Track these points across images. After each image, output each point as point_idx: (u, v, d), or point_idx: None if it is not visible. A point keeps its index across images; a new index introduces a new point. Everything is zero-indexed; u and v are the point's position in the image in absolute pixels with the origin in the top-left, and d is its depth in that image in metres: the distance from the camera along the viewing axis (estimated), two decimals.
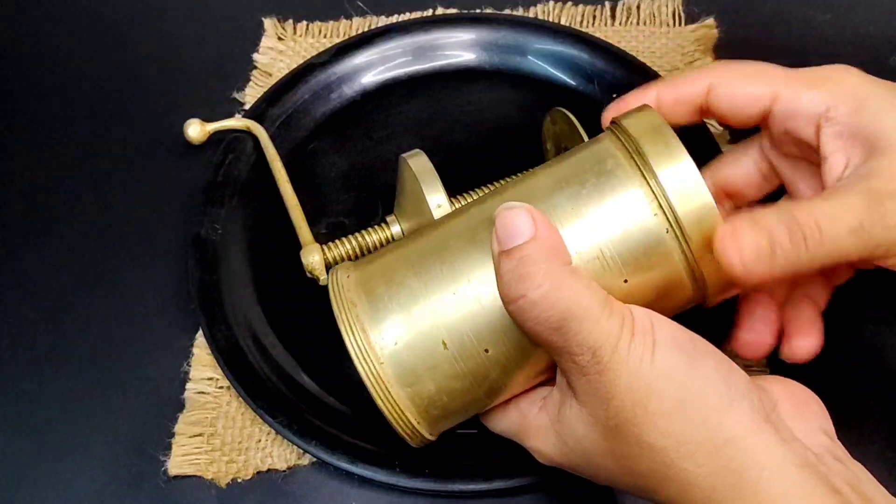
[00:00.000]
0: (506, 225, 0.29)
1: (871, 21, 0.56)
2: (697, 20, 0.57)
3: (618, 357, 0.28)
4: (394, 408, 0.33)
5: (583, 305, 0.28)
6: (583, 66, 0.54)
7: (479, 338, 0.32)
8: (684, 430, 0.28)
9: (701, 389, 0.28)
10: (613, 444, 0.30)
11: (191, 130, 0.52)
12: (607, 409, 0.29)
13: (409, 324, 0.32)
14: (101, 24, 0.61)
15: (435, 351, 0.32)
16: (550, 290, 0.28)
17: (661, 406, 0.28)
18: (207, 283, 0.46)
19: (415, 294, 0.33)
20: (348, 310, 0.33)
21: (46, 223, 0.51)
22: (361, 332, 0.33)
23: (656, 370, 0.28)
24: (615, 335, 0.28)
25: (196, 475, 0.42)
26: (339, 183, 0.51)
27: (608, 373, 0.28)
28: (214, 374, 0.44)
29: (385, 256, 0.35)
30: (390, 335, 0.33)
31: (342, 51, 0.55)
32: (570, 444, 0.32)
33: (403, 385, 0.33)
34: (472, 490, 0.39)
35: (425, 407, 0.33)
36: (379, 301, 0.33)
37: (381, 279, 0.34)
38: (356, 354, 0.33)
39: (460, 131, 0.53)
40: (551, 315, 0.28)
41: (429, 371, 0.32)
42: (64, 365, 0.46)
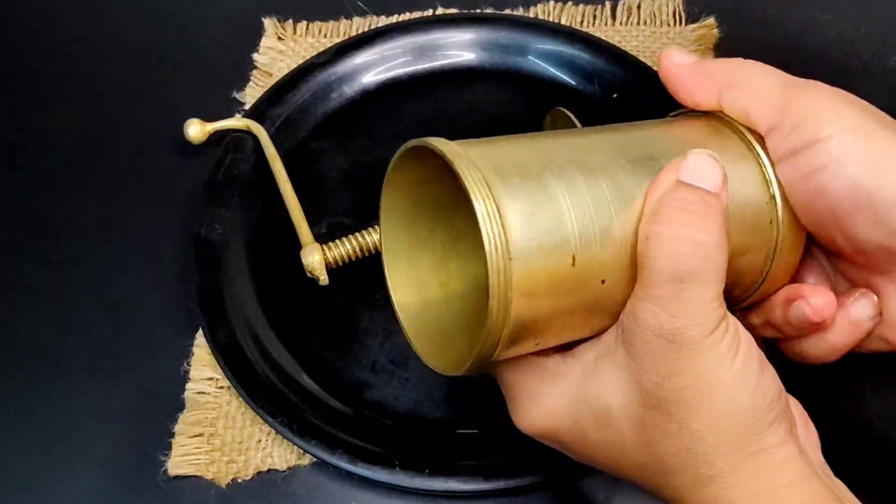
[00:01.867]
0: (701, 166, 0.28)
1: (871, 21, 0.56)
2: (698, 20, 0.57)
3: (709, 343, 0.28)
4: (502, 303, 0.28)
5: (715, 278, 0.28)
6: (583, 65, 0.54)
7: (603, 265, 0.29)
8: (732, 430, 0.28)
9: (761, 400, 0.28)
10: (649, 415, 0.29)
11: (191, 130, 0.52)
12: (665, 381, 0.28)
13: (545, 224, 0.29)
14: (100, 24, 0.61)
15: (562, 262, 0.29)
16: (712, 243, 0.27)
17: (722, 403, 0.28)
18: (207, 282, 0.46)
19: (557, 198, 0.29)
20: (483, 185, 0.28)
21: (46, 223, 0.51)
22: (491, 198, 0.28)
23: (735, 370, 0.28)
24: (716, 322, 0.28)
25: (196, 475, 0.42)
26: (339, 183, 0.51)
27: (690, 351, 0.27)
28: (214, 374, 0.44)
29: (504, 144, 0.32)
30: (524, 226, 0.29)
31: (342, 51, 0.55)
32: (590, 400, 0.30)
33: (522, 281, 0.28)
34: (472, 490, 0.39)
35: (524, 317, 0.29)
36: (515, 187, 0.29)
37: (512, 166, 0.30)
38: (484, 217, 0.28)
39: (461, 131, 0.52)
40: (691, 264, 0.27)
41: (549, 279, 0.29)
42: (64, 365, 0.46)
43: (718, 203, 0.28)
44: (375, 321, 0.46)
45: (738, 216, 0.31)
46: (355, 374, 0.44)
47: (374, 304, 0.46)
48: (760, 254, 0.32)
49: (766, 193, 0.32)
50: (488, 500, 0.40)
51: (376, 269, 0.47)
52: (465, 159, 0.29)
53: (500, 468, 0.39)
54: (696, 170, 0.29)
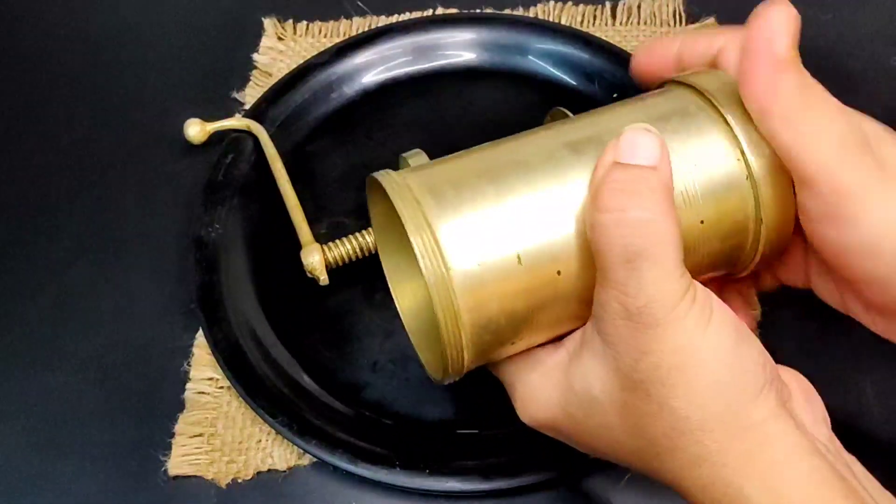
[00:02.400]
0: (634, 142, 0.28)
1: (872, 21, 0.56)
2: (698, 20, 0.57)
3: (673, 317, 0.27)
4: (451, 320, 0.29)
5: (666, 252, 0.27)
6: (583, 65, 0.54)
7: (555, 256, 0.30)
8: (714, 405, 0.27)
9: (742, 371, 0.28)
10: (630, 398, 0.29)
11: (191, 130, 0.52)
12: (638, 362, 0.28)
13: (482, 229, 0.29)
14: (100, 24, 0.61)
15: (507, 263, 0.29)
16: (651, 220, 0.27)
17: (700, 377, 0.27)
18: (207, 283, 0.46)
19: (490, 201, 0.30)
20: (413, 208, 0.30)
21: (46, 223, 0.51)
22: (430, 233, 0.29)
23: (707, 342, 0.27)
24: (678, 295, 0.27)
25: (196, 475, 0.42)
26: (339, 183, 0.51)
27: (656, 328, 0.27)
28: (214, 374, 0.44)
29: (445, 164, 0.33)
30: (461, 239, 0.29)
31: (342, 51, 0.55)
32: (576, 389, 0.30)
33: (467, 295, 0.29)
34: (472, 490, 0.39)
35: (481, 327, 0.30)
36: (448, 204, 0.30)
37: (447, 184, 0.31)
38: (423, 255, 0.29)
39: (460, 131, 0.53)
40: (636, 243, 0.27)
41: (497, 283, 0.29)
42: (64, 365, 0.46)
43: (656, 176, 0.28)
44: (375, 321, 0.46)
45: (707, 181, 0.31)
46: (355, 374, 0.44)
47: (374, 304, 0.46)
48: (744, 213, 0.32)
49: (735, 151, 0.31)
50: (488, 500, 0.40)
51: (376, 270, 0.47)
52: (404, 193, 0.30)
53: (499, 468, 0.39)
54: (631, 147, 0.28)
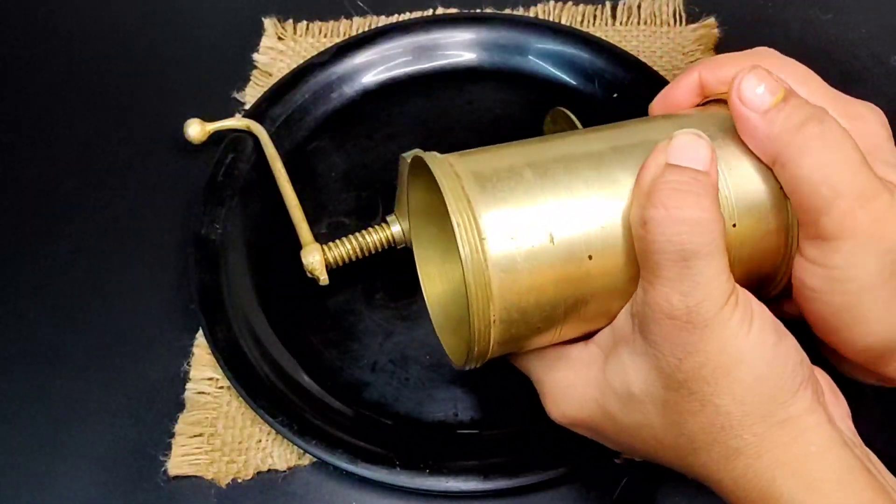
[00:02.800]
0: (687, 146, 0.29)
1: (872, 21, 0.56)
2: (698, 20, 0.57)
3: (721, 317, 0.28)
4: (482, 294, 0.30)
5: (717, 252, 0.28)
6: (583, 65, 0.54)
7: (588, 241, 0.30)
8: (756, 401, 0.28)
9: (782, 368, 0.28)
10: (672, 396, 0.29)
11: (191, 130, 0.52)
12: (683, 362, 0.28)
13: (518, 208, 0.30)
14: (100, 24, 0.61)
15: (540, 243, 0.30)
16: (708, 219, 0.28)
17: (744, 375, 0.28)
18: (207, 282, 0.46)
19: (528, 184, 0.31)
20: (453, 183, 0.31)
21: (46, 223, 0.51)
22: (468, 207, 0.30)
23: (751, 341, 0.28)
24: (725, 296, 0.28)
25: (196, 475, 0.42)
26: (339, 183, 0.51)
27: (704, 329, 0.28)
28: (214, 374, 0.44)
29: (487, 151, 0.33)
30: (498, 215, 0.30)
31: (342, 50, 0.55)
32: (613, 385, 0.31)
33: (499, 270, 0.30)
34: (471, 490, 0.39)
35: (511, 304, 0.30)
36: (488, 182, 0.31)
37: (489, 166, 0.31)
38: (460, 228, 0.30)
39: (461, 131, 0.53)
40: (692, 241, 0.27)
41: (528, 262, 0.30)
42: (64, 365, 0.46)
43: (709, 180, 0.29)
44: (375, 321, 0.46)
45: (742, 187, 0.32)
46: (355, 374, 0.44)
47: (374, 304, 0.46)
48: (777, 223, 0.32)
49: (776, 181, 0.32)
50: (488, 500, 0.40)
51: (376, 270, 0.47)
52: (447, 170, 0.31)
53: (499, 468, 0.39)
54: (683, 150, 0.29)
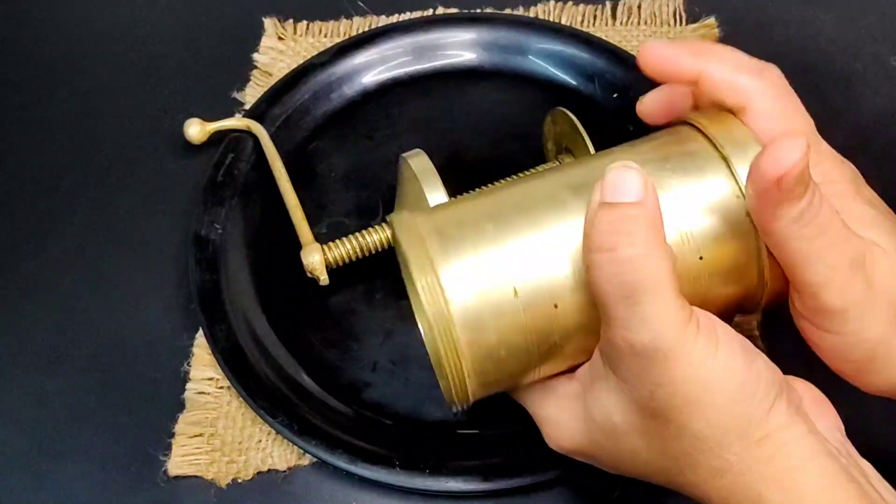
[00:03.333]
0: (617, 181, 0.29)
1: (872, 21, 0.56)
2: (698, 20, 0.57)
3: (680, 348, 0.28)
4: (451, 352, 0.31)
5: (663, 284, 0.28)
6: (583, 65, 0.54)
7: (552, 291, 0.31)
8: (731, 423, 0.28)
9: (753, 388, 0.29)
10: (649, 424, 0.30)
11: (191, 130, 0.52)
12: (654, 393, 0.29)
13: (480, 266, 0.31)
14: (100, 24, 0.61)
15: (504, 298, 0.31)
16: (643, 255, 0.28)
17: (716, 400, 0.28)
18: (207, 282, 0.46)
19: (489, 238, 0.31)
20: (417, 245, 0.32)
21: (46, 223, 0.51)
22: (431, 269, 0.31)
23: (718, 366, 0.28)
24: (682, 325, 0.28)
25: (196, 475, 0.42)
26: (339, 183, 0.51)
27: (666, 361, 0.28)
28: (214, 374, 0.44)
29: (454, 205, 0.34)
30: (460, 275, 0.31)
31: (342, 51, 0.55)
32: (596, 418, 0.31)
33: (467, 329, 0.31)
34: (471, 490, 0.39)
35: (482, 357, 0.31)
36: (450, 241, 0.32)
37: (452, 223, 0.32)
38: (423, 290, 0.31)
39: (461, 131, 0.53)
40: (631, 279, 0.28)
41: (495, 318, 0.31)
42: (64, 364, 0.46)
43: (643, 210, 0.28)
44: (375, 321, 0.46)
45: (705, 218, 0.32)
46: (355, 373, 0.44)
47: (374, 304, 0.46)
48: (746, 251, 0.32)
49: (735, 189, 0.32)
50: (488, 500, 0.40)
51: (376, 270, 0.47)
52: (412, 232, 0.32)
53: (500, 468, 0.40)
54: (614, 186, 0.29)
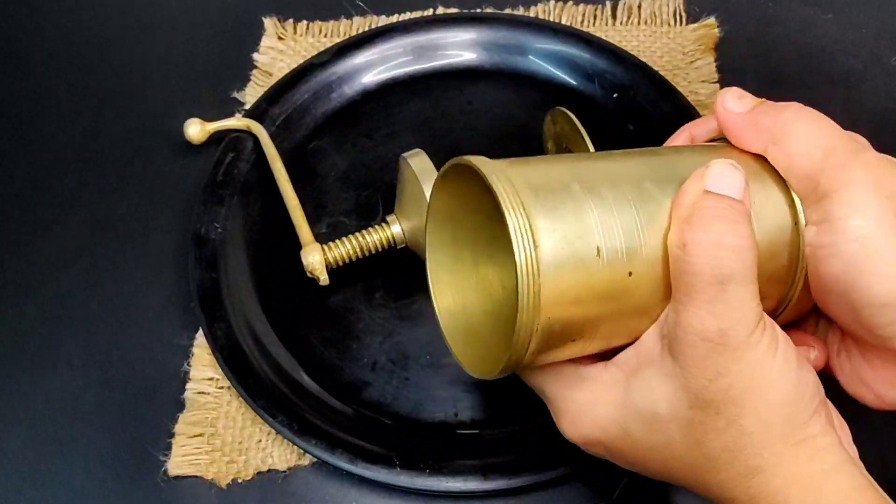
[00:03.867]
0: (723, 174, 0.30)
1: (872, 21, 0.56)
2: (698, 20, 0.57)
3: (751, 341, 0.29)
4: (532, 302, 0.31)
5: (752, 279, 0.29)
6: (583, 65, 0.54)
7: (630, 257, 0.31)
8: (778, 422, 0.29)
9: (803, 391, 0.30)
10: (698, 415, 0.30)
11: (191, 130, 0.52)
12: (712, 382, 0.29)
13: (570, 219, 0.31)
14: (100, 24, 0.61)
15: (590, 254, 0.31)
16: (746, 246, 0.29)
17: (770, 397, 0.29)
18: (207, 282, 0.46)
19: (578, 197, 0.32)
20: (509, 190, 0.31)
21: (46, 223, 0.51)
22: (524, 214, 0.31)
23: (777, 365, 0.29)
24: (756, 321, 0.29)
25: (196, 475, 0.42)
26: (339, 182, 0.51)
27: (735, 351, 0.29)
28: (214, 373, 0.44)
29: (538, 163, 0.34)
30: (551, 224, 0.31)
31: (342, 50, 0.55)
32: (637, 404, 0.32)
33: (550, 278, 0.31)
34: (472, 490, 0.39)
35: (554, 314, 0.31)
36: (541, 191, 0.32)
37: (541, 179, 0.33)
38: (515, 230, 0.30)
39: (461, 131, 0.53)
40: (729, 266, 0.28)
41: (575, 274, 0.31)
42: (64, 364, 0.46)
43: (743, 208, 0.30)
44: (375, 321, 0.46)
45: (763, 222, 0.32)
46: (355, 373, 0.44)
47: (374, 304, 0.46)
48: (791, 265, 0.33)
49: (790, 210, 0.33)
50: (488, 500, 0.40)
51: (376, 270, 0.47)
52: (501, 176, 0.32)
53: (499, 468, 0.39)
54: (721, 178, 0.30)
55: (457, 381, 0.44)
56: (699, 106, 0.51)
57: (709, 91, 0.53)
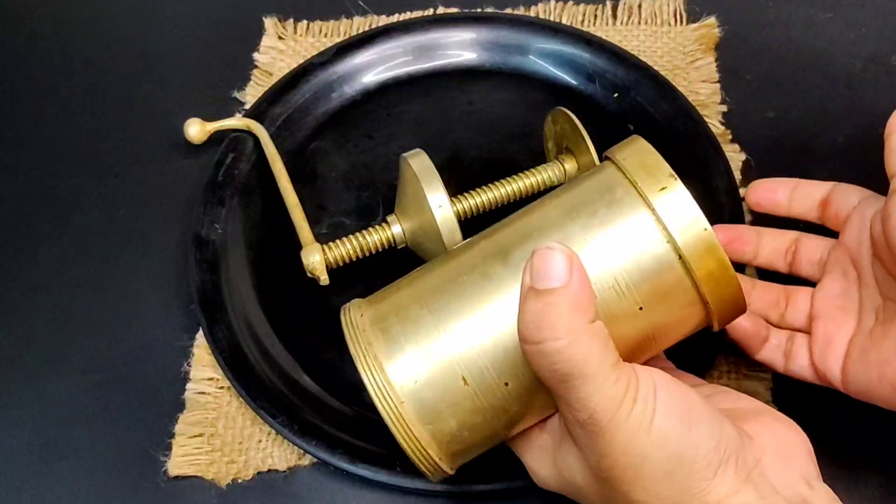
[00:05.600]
0: (542, 264, 0.29)
1: (872, 21, 0.56)
2: (699, 19, 0.57)
3: (615, 423, 0.29)
4: (416, 445, 0.33)
5: (592, 367, 0.28)
6: (584, 65, 0.54)
7: (499, 371, 0.32)
8: (671, 494, 0.29)
9: (692, 458, 0.29)
10: (603, 489, 0.31)
11: (191, 130, 0.52)
12: (599, 462, 0.30)
13: (426, 361, 0.32)
14: (101, 24, 0.61)
15: (455, 387, 0.32)
16: (567, 345, 0.28)
17: (652, 471, 0.29)
18: (207, 283, 0.46)
19: (430, 331, 0.33)
20: (365, 349, 0.33)
21: (47, 223, 0.51)
22: (380, 372, 0.32)
23: (652, 438, 0.29)
24: (617, 401, 0.29)
25: (196, 476, 0.42)
26: (339, 183, 0.51)
27: (604, 434, 0.29)
28: (214, 374, 0.44)
29: (397, 293, 0.35)
30: (409, 374, 0.32)
31: (343, 50, 0.55)
32: (563, 475, 0.33)
33: (425, 423, 0.32)
34: (472, 491, 0.39)
35: (447, 443, 0.33)
36: (395, 340, 0.33)
37: (394, 317, 0.34)
38: (376, 394, 0.32)
39: (461, 131, 0.53)
40: (560, 368, 0.28)
41: (449, 408, 0.32)
42: (64, 365, 0.46)
43: (565, 297, 0.28)
44: None
45: (637, 268, 0.32)
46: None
47: None
48: (683, 290, 0.32)
49: (663, 234, 0.32)
50: (488, 500, 0.40)
51: (376, 270, 0.47)
52: (358, 332, 0.34)
53: (499, 468, 0.39)
54: (539, 272, 0.29)
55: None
56: (699, 106, 0.51)
57: (709, 91, 0.53)
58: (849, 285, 0.38)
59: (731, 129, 0.51)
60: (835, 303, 0.38)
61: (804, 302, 0.40)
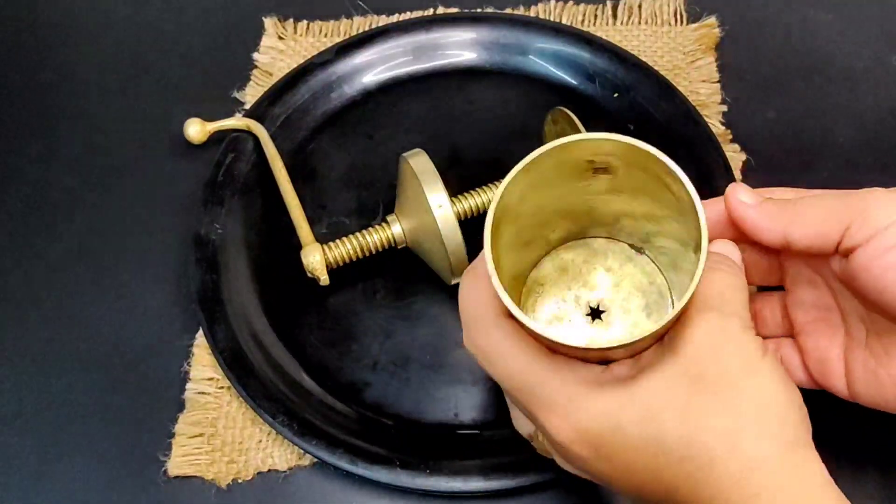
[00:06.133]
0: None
1: (872, 21, 0.56)
2: (699, 19, 0.57)
3: (747, 334, 0.31)
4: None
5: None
6: (584, 65, 0.54)
7: None
8: (773, 414, 0.30)
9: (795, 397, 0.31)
10: (694, 399, 0.30)
11: (191, 130, 0.52)
12: (710, 366, 0.30)
13: None
14: (101, 25, 0.61)
15: None
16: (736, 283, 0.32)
17: (763, 384, 0.30)
18: (207, 282, 0.46)
19: None
20: None
21: (47, 223, 0.51)
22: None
23: (767, 360, 0.31)
24: (749, 321, 0.32)
25: (196, 476, 0.42)
26: (339, 182, 0.51)
27: (733, 339, 0.31)
28: (215, 374, 0.44)
29: None
30: None
31: (343, 50, 0.55)
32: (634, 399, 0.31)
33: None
34: (472, 490, 0.39)
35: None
36: None
37: None
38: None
39: (461, 131, 0.53)
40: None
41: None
42: (64, 365, 0.46)
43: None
44: (375, 321, 0.46)
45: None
46: (355, 373, 0.44)
47: (374, 304, 0.46)
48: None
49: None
50: (488, 500, 0.40)
51: (376, 270, 0.47)
52: None
53: (499, 468, 0.39)
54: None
55: (457, 381, 0.44)
56: (700, 106, 0.51)
57: (709, 91, 0.53)
58: (820, 294, 0.37)
59: (731, 129, 0.51)
60: (814, 315, 0.37)
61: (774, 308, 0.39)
